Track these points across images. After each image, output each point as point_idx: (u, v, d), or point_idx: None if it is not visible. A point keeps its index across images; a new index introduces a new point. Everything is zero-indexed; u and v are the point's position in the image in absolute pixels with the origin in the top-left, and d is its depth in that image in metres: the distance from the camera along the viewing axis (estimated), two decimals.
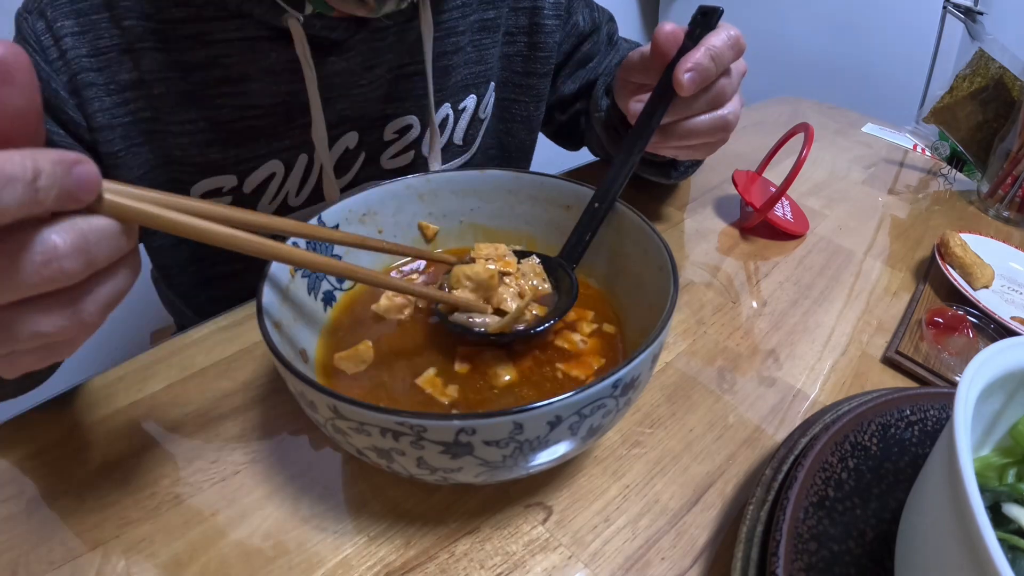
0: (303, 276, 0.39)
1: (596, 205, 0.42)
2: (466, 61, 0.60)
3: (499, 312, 0.39)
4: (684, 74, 0.38)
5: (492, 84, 0.63)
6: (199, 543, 0.34)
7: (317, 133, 0.51)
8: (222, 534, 0.34)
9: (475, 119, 0.63)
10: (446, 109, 0.60)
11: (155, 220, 0.23)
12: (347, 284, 0.44)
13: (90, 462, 0.38)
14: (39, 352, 0.23)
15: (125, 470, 0.37)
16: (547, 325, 0.38)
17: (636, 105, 0.42)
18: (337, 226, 0.42)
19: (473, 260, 0.41)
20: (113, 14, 0.45)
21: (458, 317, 0.38)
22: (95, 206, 0.21)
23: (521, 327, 0.38)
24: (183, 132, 0.50)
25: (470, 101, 0.62)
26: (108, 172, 0.49)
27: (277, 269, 0.36)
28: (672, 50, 0.41)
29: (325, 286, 0.42)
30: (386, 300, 0.42)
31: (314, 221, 0.40)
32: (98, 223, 0.21)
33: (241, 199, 0.54)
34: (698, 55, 0.39)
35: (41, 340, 0.22)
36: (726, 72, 0.42)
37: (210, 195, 0.53)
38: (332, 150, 0.55)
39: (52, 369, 0.41)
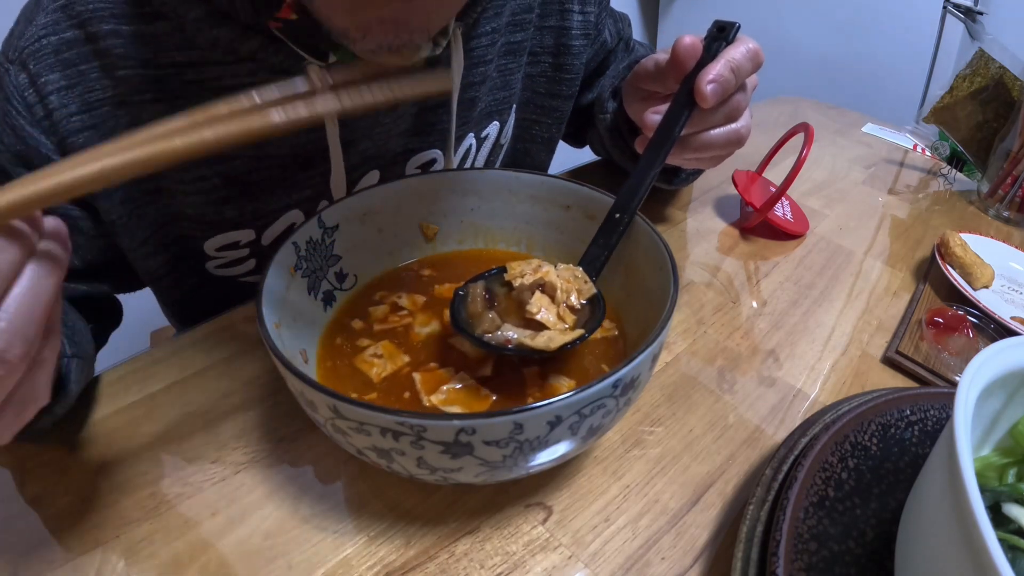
0: (303, 276, 0.39)
1: (617, 216, 0.41)
2: (491, 88, 0.56)
3: (532, 324, 0.37)
4: (707, 85, 0.38)
5: (514, 107, 0.60)
6: (199, 543, 0.34)
7: (336, 184, 0.47)
8: (222, 534, 0.34)
9: (496, 145, 0.60)
10: (469, 139, 0.57)
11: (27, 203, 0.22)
12: (347, 284, 0.44)
13: (90, 462, 0.38)
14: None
15: (125, 470, 0.37)
16: (577, 342, 0.36)
17: (653, 117, 0.42)
18: (337, 226, 0.42)
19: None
20: (104, 63, 0.39)
21: (495, 337, 0.36)
22: None
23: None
24: (195, 190, 0.46)
25: (493, 128, 0.59)
26: (112, 238, 0.46)
27: (277, 269, 0.36)
28: (691, 62, 0.41)
29: (325, 286, 0.42)
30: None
31: (314, 221, 0.40)
32: None
33: (259, 251, 0.51)
34: (719, 67, 0.39)
35: None
36: (741, 87, 0.41)
37: (225, 249, 0.50)
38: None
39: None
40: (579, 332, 0.37)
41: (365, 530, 0.35)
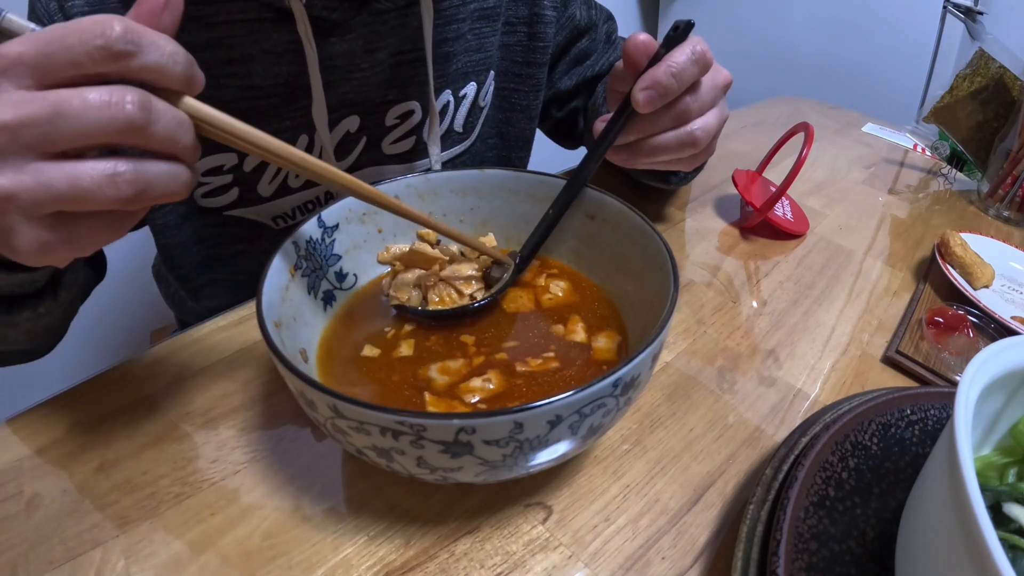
0: (303, 276, 0.39)
1: (551, 212, 0.44)
2: (466, 48, 0.61)
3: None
4: (640, 92, 0.38)
5: (492, 73, 0.64)
6: (199, 543, 0.34)
7: (317, 112, 0.52)
8: (222, 534, 0.34)
9: (475, 106, 0.64)
10: (447, 95, 0.61)
11: (223, 131, 0.32)
12: (347, 284, 0.44)
13: (90, 462, 0.38)
14: (85, 226, 0.27)
15: (125, 470, 0.37)
16: (488, 299, 0.42)
17: (600, 125, 0.42)
18: (337, 225, 0.42)
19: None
20: None
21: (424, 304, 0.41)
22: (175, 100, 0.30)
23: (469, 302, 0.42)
24: None
25: (470, 88, 0.62)
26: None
27: (277, 268, 0.36)
28: (642, 61, 0.40)
29: (325, 286, 0.42)
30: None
31: (314, 221, 0.40)
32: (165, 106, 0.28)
33: (241, 178, 0.55)
34: (658, 72, 0.38)
35: (74, 194, 0.25)
36: (693, 88, 0.40)
37: (211, 173, 0.54)
38: (333, 132, 0.56)
39: (58, 334, 0.46)
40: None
41: (365, 530, 0.35)
